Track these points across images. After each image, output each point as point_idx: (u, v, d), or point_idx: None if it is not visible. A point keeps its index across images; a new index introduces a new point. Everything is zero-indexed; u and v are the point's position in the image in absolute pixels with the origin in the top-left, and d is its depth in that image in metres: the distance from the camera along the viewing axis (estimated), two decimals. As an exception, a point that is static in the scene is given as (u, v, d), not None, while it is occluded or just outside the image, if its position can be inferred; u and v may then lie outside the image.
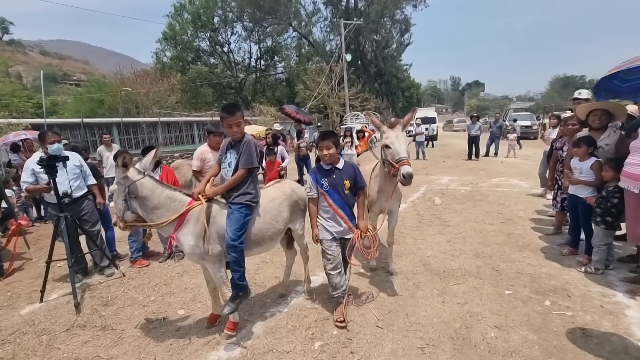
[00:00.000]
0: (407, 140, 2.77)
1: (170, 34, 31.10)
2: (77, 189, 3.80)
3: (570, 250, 3.84)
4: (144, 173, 2.44)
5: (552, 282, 3.26)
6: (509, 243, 4.29)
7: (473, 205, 6.15)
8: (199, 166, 4.01)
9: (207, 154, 4.01)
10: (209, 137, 4.09)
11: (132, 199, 2.37)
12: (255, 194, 2.59)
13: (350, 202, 2.76)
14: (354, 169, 2.76)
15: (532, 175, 8.54)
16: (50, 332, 2.88)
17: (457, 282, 3.36)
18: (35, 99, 25.93)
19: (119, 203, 2.38)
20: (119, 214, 2.41)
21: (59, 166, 3.44)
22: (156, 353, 2.51)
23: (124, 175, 2.35)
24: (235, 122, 2.53)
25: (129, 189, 2.36)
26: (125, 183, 2.36)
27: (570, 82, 59.81)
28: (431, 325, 2.67)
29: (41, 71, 12.84)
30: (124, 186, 2.36)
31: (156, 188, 2.42)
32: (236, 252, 2.44)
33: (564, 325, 2.61)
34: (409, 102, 39.94)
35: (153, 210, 2.40)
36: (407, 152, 2.71)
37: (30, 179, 3.65)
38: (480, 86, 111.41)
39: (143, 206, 2.40)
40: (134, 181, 2.36)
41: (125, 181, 2.36)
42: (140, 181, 2.38)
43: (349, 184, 2.68)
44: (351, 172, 2.73)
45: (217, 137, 3.99)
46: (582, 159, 3.53)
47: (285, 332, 2.67)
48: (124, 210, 2.38)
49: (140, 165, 2.47)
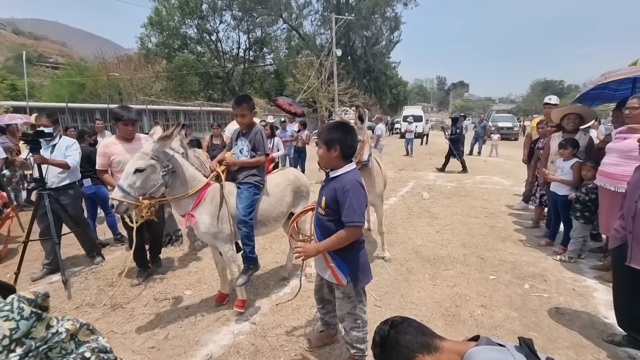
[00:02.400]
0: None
1: (156, 19, 30.17)
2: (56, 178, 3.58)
3: (548, 241, 4.19)
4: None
5: (531, 269, 3.59)
6: (493, 234, 4.62)
7: (459, 200, 6.49)
8: (102, 164, 3.22)
9: (112, 147, 3.25)
10: (117, 124, 3.28)
11: (171, 174, 2.39)
12: (262, 177, 2.82)
13: (324, 226, 1.94)
14: (341, 189, 1.83)
15: (513, 174, 9.03)
16: (60, 309, 2.97)
17: (447, 267, 3.64)
18: (8, 79, 24.81)
19: (155, 179, 2.31)
20: (150, 190, 2.31)
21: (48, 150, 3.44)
22: (169, 329, 2.66)
23: (165, 150, 2.38)
24: (240, 112, 2.75)
25: (170, 164, 2.38)
26: (166, 158, 2.37)
27: (550, 86, 62.15)
28: (424, 305, 2.93)
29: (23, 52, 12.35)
30: (164, 161, 2.34)
31: (184, 164, 2.51)
32: (247, 227, 2.64)
33: (541, 305, 2.92)
34: (397, 100, 40.51)
35: (180, 186, 2.47)
36: None
37: None
38: (465, 87, 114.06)
39: (173, 182, 2.43)
40: (173, 155, 2.43)
41: (165, 156, 2.37)
42: (176, 156, 2.45)
43: (324, 204, 1.93)
44: (332, 192, 1.88)
45: (129, 125, 3.26)
46: (567, 159, 3.86)
47: (290, 310, 2.86)
48: (159, 187, 2.33)
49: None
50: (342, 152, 1.87)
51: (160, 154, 2.35)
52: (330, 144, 1.86)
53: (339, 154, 1.87)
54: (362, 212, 1.83)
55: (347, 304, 2.02)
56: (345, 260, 1.94)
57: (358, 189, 1.84)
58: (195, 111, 20.31)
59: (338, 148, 1.86)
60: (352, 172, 1.90)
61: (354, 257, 1.95)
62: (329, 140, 1.87)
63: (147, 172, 2.28)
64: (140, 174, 2.27)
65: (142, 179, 2.27)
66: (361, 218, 1.83)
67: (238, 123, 2.86)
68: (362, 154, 3.05)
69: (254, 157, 2.76)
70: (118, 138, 3.33)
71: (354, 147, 1.93)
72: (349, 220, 1.81)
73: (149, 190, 2.32)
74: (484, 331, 2.57)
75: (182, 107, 20.51)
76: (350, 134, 1.90)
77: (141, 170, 2.26)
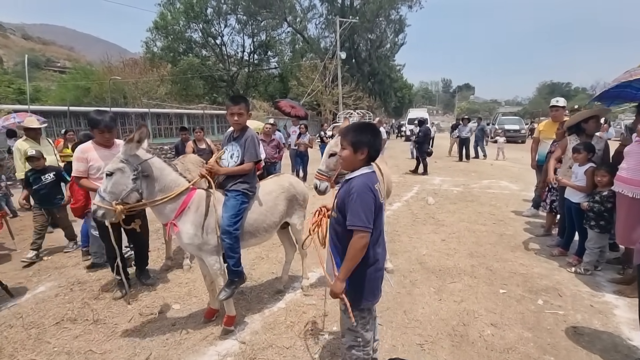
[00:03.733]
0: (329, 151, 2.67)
1: (161, 24, 30.36)
2: None
3: (561, 251, 3.94)
4: (151, 153, 2.39)
5: (544, 282, 3.34)
6: (502, 243, 4.37)
7: (465, 206, 6.24)
8: (81, 170, 3.03)
9: (90, 152, 3.09)
10: (93, 131, 3.12)
11: (143, 178, 2.27)
12: (252, 184, 2.62)
13: (335, 230, 1.83)
14: (349, 192, 1.71)
15: (522, 178, 8.75)
16: (39, 325, 2.79)
17: (453, 280, 3.41)
18: (16, 84, 24.97)
19: (124, 184, 2.21)
20: (120, 195, 2.21)
21: None
22: (152, 348, 2.46)
23: (134, 153, 2.25)
24: (238, 111, 2.56)
25: (141, 167, 2.26)
26: (136, 161, 2.25)
27: (557, 88, 61.36)
28: (429, 322, 2.70)
29: (25, 56, 12.39)
30: (134, 164, 2.23)
31: (165, 169, 2.38)
32: (231, 238, 2.43)
33: (556, 324, 2.68)
34: (401, 103, 40.28)
35: (158, 193, 2.32)
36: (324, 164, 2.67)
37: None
38: (471, 89, 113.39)
39: (150, 187, 2.31)
40: (145, 159, 2.29)
41: (135, 159, 2.25)
42: (151, 160, 2.32)
43: (335, 206, 1.82)
44: (343, 194, 1.76)
45: (105, 132, 3.06)
46: (582, 164, 3.62)
47: (284, 328, 2.65)
48: (130, 191, 2.22)
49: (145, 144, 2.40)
50: (369, 155, 1.75)
51: (129, 157, 2.23)
52: (357, 146, 1.74)
53: (365, 157, 1.76)
54: (366, 216, 1.65)
55: (349, 319, 1.82)
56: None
57: (365, 192, 1.67)
58: (198, 114, 20.25)
59: (366, 151, 1.75)
60: (366, 175, 1.75)
61: (358, 272, 1.75)
62: (357, 142, 1.74)
63: (116, 176, 2.21)
64: (110, 178, 2.21)
65: (112, 183, 2.21)
66: (365, 222, 1.64)
67: (233, 124, 2.64)
68: None
69: (243, 163, 2.57)
70: (95, 143, 3.15)
71: (380, 150, 1.84)
72: (351, 224, 1.66)
73: (120, 195, 2.21)
74: (495, 354, 2.33)
75: (185, 111, 20.44)
76: (379, 137, 1.81)
77: (110, 174, 2.20)
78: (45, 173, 4.19)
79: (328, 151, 2.72)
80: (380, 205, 1.77)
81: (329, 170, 2.66)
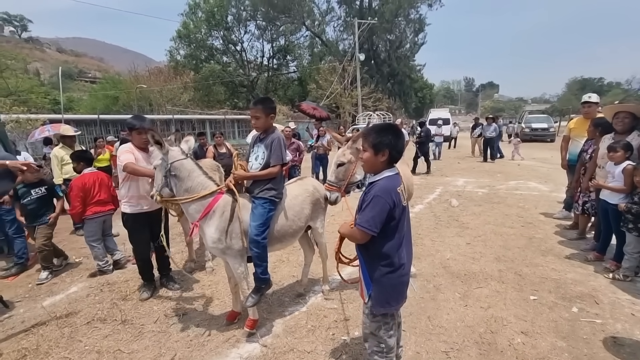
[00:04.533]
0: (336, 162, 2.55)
1: (184, 32, 31.41)
2: None
3: (596, 255, 3.71)
4: (186, 155, 2.50)
5: (579, 288, 3.15)
6: (531, 247, 4.17)
7: (491, 208, 6.01)
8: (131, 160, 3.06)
9: (134, 150, 3.19)
10: (131, 134, 3.23)
11: (172, 177, 2.41)
12: (280, 190, 2.60)
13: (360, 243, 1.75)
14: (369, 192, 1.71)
15: (551, 178, 8.36)
16: (71, 324, 2.91)
17: (479, 285, 3.28)
18: (52, 95, 26.54)
19: (159, 178, 2.45)
20: (157, 188, 2.46)
21: None
22: (176, 349, 2.51)
23: (165, 153, 2.41)
24: (254, 114, 2.59)
25: (170, 167, 2.39)
26: (168, 160, 2.41)
27: (588, 84, 58.28)
28: (455, 329, 2.61)
29: (59, 68, 13.13)
30: (166, 163, 2.40)
31: (194, 171, 2.47)
32: (259, 247, 2.44)
33: (593, 333, 2.52)
34: (422, 103, 39.55)
35: (184, 192, 2.44)
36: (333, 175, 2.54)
37: None
38: (495, 87, 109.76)
39: (178, 186, 2.43)
40: (176, 160, 2.41)
41: (168, 159, 2.41)
42: (181, 161, 2.43)
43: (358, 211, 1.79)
44: (364, 196, 1.77)
45: (143, 134, 3.12)
46: (618, 163, 3.41)
47: (305, 332, 2.64)
48: (162, 186, 2.43)
49: (185, 146, 2.55)
50: (390, 156, 1.73)
51: (164, 156, 2.42)
52: (378, 148, 1.72)
53: (387, 159, 1.73)
54: (374, 220, 1.64)
55: (372, 323, 1.82)
56: (372, 278, 1.76)
57: (382, 197, 1.65)
58: (219, 119, 20.73)
59: (387, 152, 1.72)
60: (389, 178, 1.73)
61: (382, 277, 1.74)
62: (378, 144, 1.72)
63: (156, 171, 2.50)
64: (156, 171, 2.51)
65: (155, 176, 2.52)
66: (370, 225, 1.64)
67: (253, 126, 2.72)
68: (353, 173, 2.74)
69: (268, 165, 2.56)
70: (134, 146, 3.23)
71: (402, 152, 1.80)
72: (358, 222, 1.70)
73: (158, 187, 2.47)
74: (527, 365, 2.22)
75: (207, 116, 21.00)
76: (401, 138, 1.77)
77: (154, 167, 2.52)
78: (37, 187, 3.92)
79: (335, 162, 2.65)
80: (403, 209, 1.73)
81: (338, 180, 2.57)
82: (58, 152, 5.40)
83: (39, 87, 28.01)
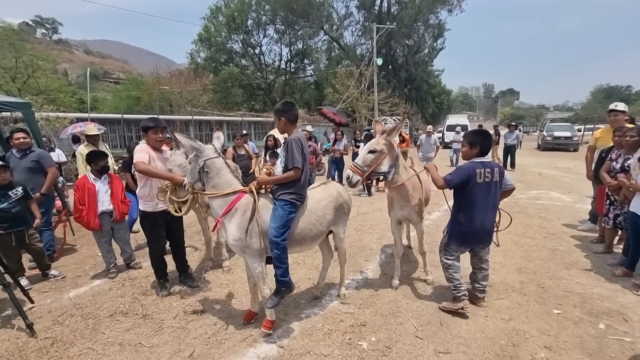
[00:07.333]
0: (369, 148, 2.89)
1: (205, 36, 32.09)
2: None
3: (625, 271, 3.56)
4: (219, 153, 2.60)
5: (606, 304, 3.03)
6: (554, 259, 4.05)
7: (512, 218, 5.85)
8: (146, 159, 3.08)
9: (150, 150, 3.21)
10: (146, 135, 3.26)
11: (204, 173, 2.54)
12: (301, 193, 2.61)
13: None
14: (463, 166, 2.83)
15: (575, 189, 8.10)
16: (95, 316, 3.01)
17: (500, 296, 3.20)
18: (78, 94, 27.54)
19: (193, 173, 2.60)
20: (191, 181, 2.62)
21: None
22: (195, 345, 2.56)
23: (200, 151, 2.55)
24: (275, 117, 2.71)
25: (204, 163, 2.52)
26: (202, 157, 2.53)
27: (615, 92, 56.15)
28: (474, 340, 2.55)
29: (87, 69, 13.64)
30: (200, 159, 2.54)
31: (222, 169, 2.58)
32: (279, 249, 2.46)
33: (622, 352, 2.42)
34: (439, 109, 38.93)
35: (211, 188, 2.57)
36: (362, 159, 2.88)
37: None
38: (515, 94, 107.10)
39: (207, 182, 2.58)
40: (209, 158, 2.54)
41: (200, 156, 2.54)
42: (213, 160, 2.55)
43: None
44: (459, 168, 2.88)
45: (158, 132, 3.24)
46: None
47: (321, 335, 2.64)
48: (195, 181, 2.60)
49: (217, 144, 2.70)
50: (480, 150, 2.77)
51: (198, 153, 2.55)
52: (473, 144, 2.78)
53: (477, 152, 2.77)
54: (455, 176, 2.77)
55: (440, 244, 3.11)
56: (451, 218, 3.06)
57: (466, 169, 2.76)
58: (237, 121, 21.06)
59: (478, 147, 2.76)
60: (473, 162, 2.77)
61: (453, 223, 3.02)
62: (472, 142, 2.78)
63: (191, 165, 2.63)
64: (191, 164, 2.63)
65: (190, 169, 2.65)
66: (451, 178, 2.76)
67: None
68: (380, 163, 2.84)
69: (287, 169, 2.58)
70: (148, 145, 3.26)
71: (489, 148, 2.85)
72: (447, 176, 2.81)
73: (192, 181, 2.62)
74: (551, 381, 2.15)
75: (225, 118, 21.36)
76: (488, 138, 2.84)
77: (190, 162, 2.64)
78: (12, 188, 3.48)
79: (369, 147, 2.77)
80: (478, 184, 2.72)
81: (364, 165, 2.82)
82: (83, 150, 5.59)
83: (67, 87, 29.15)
